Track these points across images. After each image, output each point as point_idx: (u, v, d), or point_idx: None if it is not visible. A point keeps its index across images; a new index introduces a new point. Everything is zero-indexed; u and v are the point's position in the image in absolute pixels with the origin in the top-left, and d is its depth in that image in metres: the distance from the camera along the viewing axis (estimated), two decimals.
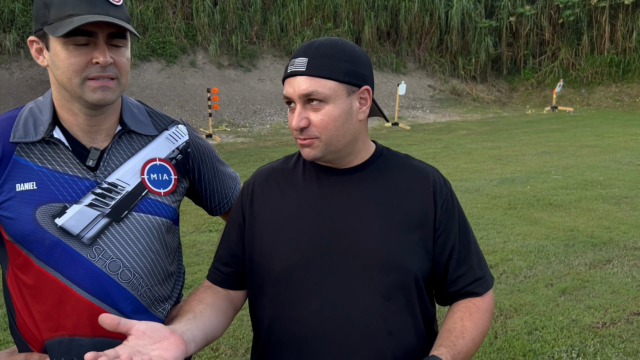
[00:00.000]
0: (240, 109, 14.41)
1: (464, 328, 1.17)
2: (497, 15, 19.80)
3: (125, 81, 1.21)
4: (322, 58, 1.13)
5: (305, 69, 1.13)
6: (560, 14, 19.32)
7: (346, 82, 1.14)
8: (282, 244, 1.19)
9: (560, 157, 9.25)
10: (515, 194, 6.74)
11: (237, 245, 1.27)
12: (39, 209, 1.18)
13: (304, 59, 1.14)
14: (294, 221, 1.20)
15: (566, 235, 5.16)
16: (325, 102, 1.13)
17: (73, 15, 1.10)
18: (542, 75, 19.55)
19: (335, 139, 1.16)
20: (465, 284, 1.23)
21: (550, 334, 3.35)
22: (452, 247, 1.22)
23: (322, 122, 1.13)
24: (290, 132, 1.22)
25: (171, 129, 1.37)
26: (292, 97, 1.15)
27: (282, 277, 1.18)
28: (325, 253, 1.16)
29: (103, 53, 1.13)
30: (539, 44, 20.05)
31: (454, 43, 19.09)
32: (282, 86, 16.97)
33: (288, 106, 1.19)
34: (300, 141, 1.17)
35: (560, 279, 4.17)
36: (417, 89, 17.82)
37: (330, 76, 1.13)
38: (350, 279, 1.15)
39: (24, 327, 1.27)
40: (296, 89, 1.14)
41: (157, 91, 13.84)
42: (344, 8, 17.44)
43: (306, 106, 1.14)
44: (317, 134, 1.14)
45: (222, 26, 16.00)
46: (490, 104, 18.38)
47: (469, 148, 10.53)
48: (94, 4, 1.12)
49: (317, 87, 1.12)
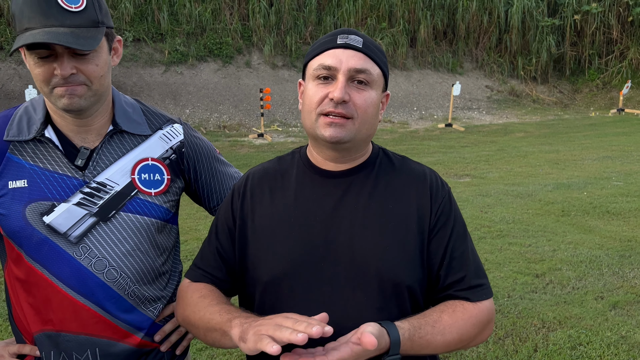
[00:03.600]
0: (293, 109, 14.50)
1: (440, 319, 1.09)
2: (561, 14, 18.97)
3: (99, 86, 1.19)
4: (374, 46, 1.14)
5: (362, 46, 1.11)
6: (629, 12, 18.27)
7: (385, 78, 1.16)
8: (271, 252, 1.14)
9: (623, 162, 8.73)
10: (570, 200, 6.41)
11: (226, 248, 1.22)
12: (29, 206, 1.20)
13: (359, 38, 1.12)
14: (285, 227, 1.15)
15: (622, 246, 4.84)
16: (370, 85, 1.11)
17: (29, 28, 1.11)
18: (608, 76, 18.57)
19: (366, 126, 1.12)
20: (457, 290, 1.15)
21: (595, 350, 3.14)
22: (443, 252, 1.15)
23: (364, 103, 1.10)
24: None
25: (166, 128, 1.35)
26: (338, 67, 1.09)
27: (270, 286, 1.13)
28: (316, 262, 1.11)
29: (62, 66, 1.12)
30: (606, 43, 19.04)
31: (513, 42, 18.44)
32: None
33: (314, 80, 1.11)
34: (329, 119, 1.09)
35: (612, 292, 3.91)
36: (473, 90, 17.35)
37: (381, 64, 1.13)
38: (341, 289, 1.10)
39: (18, 320, 1.30)
40: (348, 62, 1.09)
41: (212, 91, 14.15)
42: (399, 7, 17.21)
43: (349, 84, 1.10)
44: (354, 114, 1.09)
45: (277, 27, 16.17)
46: (551, 106, 17.64)
47: (524, 151, 10.13)
48: (48, 15, 1.10)
49: (370, 67, 1.11)
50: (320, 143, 1.14)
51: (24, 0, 1.11)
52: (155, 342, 1.34)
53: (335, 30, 1.14)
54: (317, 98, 1.09)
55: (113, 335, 1.27)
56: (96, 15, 1.16)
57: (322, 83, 1.10)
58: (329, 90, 1.08)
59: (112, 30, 1.22)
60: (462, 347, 1.12)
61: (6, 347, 1.30)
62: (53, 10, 1.10)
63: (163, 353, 1.37)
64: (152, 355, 1.35)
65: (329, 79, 1.09)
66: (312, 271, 1.11)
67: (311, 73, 1.12)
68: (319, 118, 1.10)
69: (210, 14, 15.40)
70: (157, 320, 1.34)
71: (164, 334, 1.35)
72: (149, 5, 14.55)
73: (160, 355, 1.37)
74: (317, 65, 1.10)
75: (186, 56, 14.48)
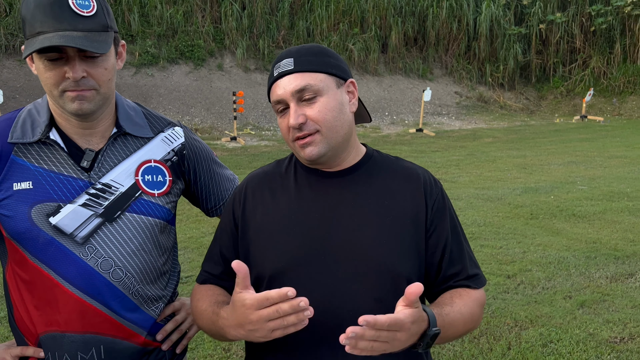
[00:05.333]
0: (265, 113, 14.50)
1: (453, 302, 1.17)
2: (527, 22, 19.50)
3: (106, 89, 1.22)
4: (308, 55, 1.17)
5: (294, 66, 1.15)
6: (592, 22, 18.92)
7: (334, 75, 1.18)
8: (274, 247, 1.19)
9: (587, 167, 9.04)
10: (538, 203, 6.61)
11: (229, 249, 1.27)
12: (34, 207, 1.21)
13: (289, 59, 1.16)
14: (286, 224, 1.20)
15: (588, 247, 5.04)
16: (318, 94, 1.15)
17: (41, 32, 1.13)
18: (572, 84, 19.16)
19: (334, 130, 1.16)
20: (457, 280, 1.24)
21: (565, 347, 3.27)
22: (444, 246, 1.22)
23: (320, 114, 1.15)
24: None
25: (167, 131, 1.38)
26: (284, 98, 1.15)
27: (273, 281, 1.18)
28: (317, 256, 1.16)
29: (73, 68, 1.15)
30: (570, 51, 19.65)
31: (482, 50, 18.87)
32: None
33: (278, 114, 1.19)
34: (300, 142, 1.16)
35: (580, 292, 4.07)
36: (443, 96, 17.66)
37: (319, 69, 1.16)
38: (342, 281, 1.15)
39: (20, 321, 1.30)
40: (288, 88, 1.15)
41: (184, 93, 14.03)
42: (371, 13, 17.42)
43: (300, 103, 1.15)
44: (317, 127, 1.15)
45: (249, 30, 16.15)
46: (518, 112, 18.10)
47: (493, 156, 10.38)
48: (61, 19, 1.13)
49: (309, 81, 1.14)
50: (307, 162, 1.22)
51: (35, 5, 1.13)
52: (157, 341, 1.37)
53: (273, 62, 1.21)
54: (285, 129, 1.18)
55: (118, 334, 1.29)
56: (105, 19, 1.19)
57: (283, 114, 1.18)
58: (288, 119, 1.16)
59: (117, 35, 1.25)
60: (471, 328, 1.21)
61: (8, 350, 1.30)
62: (66, 15, 1.13)
63: (164, 352, 1.40)
64: (154, 354, 1.38)
65: (286, 109, 1.17)
66: (313, 265, 1.16)
67: (273, 108, 1.21)
68: (294, 144, 1.18)
69: (181, 16, 15.28)
70: (158, 320, 1.37)
71: (165, 333, 1.38)
72: (119, 6, 14.35)
73: (162, 354, 1.40)
74: (273, 102, 1.19)
75: (157, 58, 14.33)
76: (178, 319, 1.41)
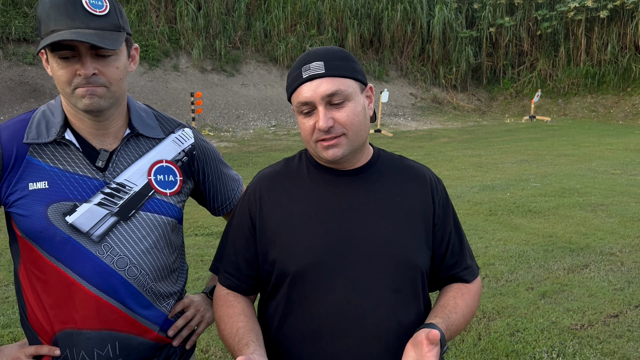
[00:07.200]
0: (224, 114, 14.41)
1: (457, 305, 1.27)
2: (478, 26, 20.14)
3: (117, 88, 1.25)
4: (337, 60, 1.20)
5: (325, 71, 1.18)
6: (538, 26, 19.71)
7: (359, 80, 1.23)
8: (296, 245, 1.24)
9: (538, 165, 9.44)
10: (495, 200, 6.87)
11: (248, 249, 1.30)
12: (51, 207, 1.22)
13: (320, 63, 1.19)
14: (306, 222, 1.25)
15: (545, 241, 5.29)
16: (347, 99, 1.19)
17: (55, 30, 1.15)
18: (520, 85, 19.92)
19: (359, 134, 1.22)
20: (456, 271, 1.34)
21: (531, 335, 3.44)
22: (448, 239, 1.32)
23: (348, 118, 1.19)
24: (276, 139, 1.24)
25: (177, 132, 1.41)
26: (313, 100, 1.18)
27: (297, 277, 1.23)
28: (339, 252, 1.22)
29: (84, 66, 1.17)
30: (518, 54, 20.43)
31: (435, 52, 19.35)
32: (265, 91, 16.77)
33: (300, 114, 1.23)
34: (325, 143, 1.20)
35: (540, 283, 4.28)
36: (399, 97, 18.01)
37: (349, 75, 1.20)
38: (362, 275, 1.21)
39: (34, 320, 1.31)
40: (318, 91, 1.18)
41: (139, 94, 13.76)
42: (327, 15, 17.57)
43: (328, 107, 1.19)
44: (344, 131, 1.20)
45: (205, 31, 15.99)
46: (471, 113, 18.66)
47: (450, 155, 10.68)
48: (74, 17, 1.15)
49: (339, 86, 1.18)
50: (325, 162, 1.27)
51: (50, 5, 1.15)
52: (169, 337, 1.40)
53: (298, 60, 1.23)
54: (308, 129, 1.22)
55: (133, 330, 1.31)
56: (118, 20, 1.21)
57: (307, 116, 1.21)
58: (315, 121, 1.20)
59: (130, 38, 1.27)
60: (470, 321, 1.32)
61: (21, 349, 1.30)
62: (79, 14, 1.15)
63: (175, 348, 1.42)
64: (165, 350, 1.40)
65: (311, 110, 1.21)
66: (335, 261, 1.21)
67: (296, 108, 1.24)
68: (317, 145, 1.22)
69: (135, 15, 14.99)
70: (169, 316, 1.40)
71: (176, 329, 1.40)
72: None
73: (173, 350, 1.42)
74: (297, 103, 1.22)
75: None
76: (188, 315, 1.43)
